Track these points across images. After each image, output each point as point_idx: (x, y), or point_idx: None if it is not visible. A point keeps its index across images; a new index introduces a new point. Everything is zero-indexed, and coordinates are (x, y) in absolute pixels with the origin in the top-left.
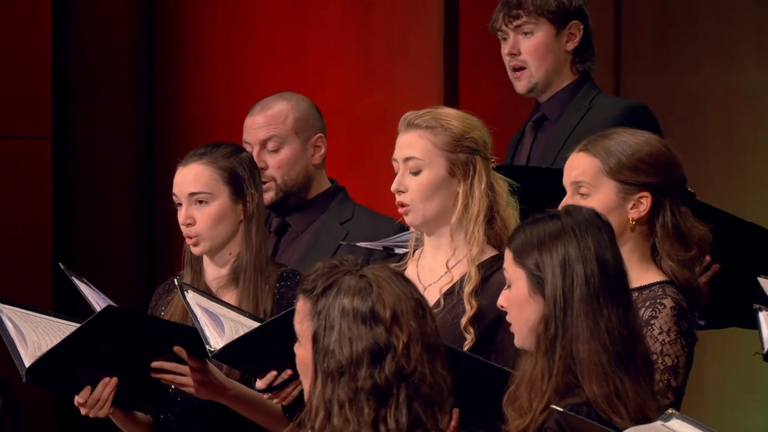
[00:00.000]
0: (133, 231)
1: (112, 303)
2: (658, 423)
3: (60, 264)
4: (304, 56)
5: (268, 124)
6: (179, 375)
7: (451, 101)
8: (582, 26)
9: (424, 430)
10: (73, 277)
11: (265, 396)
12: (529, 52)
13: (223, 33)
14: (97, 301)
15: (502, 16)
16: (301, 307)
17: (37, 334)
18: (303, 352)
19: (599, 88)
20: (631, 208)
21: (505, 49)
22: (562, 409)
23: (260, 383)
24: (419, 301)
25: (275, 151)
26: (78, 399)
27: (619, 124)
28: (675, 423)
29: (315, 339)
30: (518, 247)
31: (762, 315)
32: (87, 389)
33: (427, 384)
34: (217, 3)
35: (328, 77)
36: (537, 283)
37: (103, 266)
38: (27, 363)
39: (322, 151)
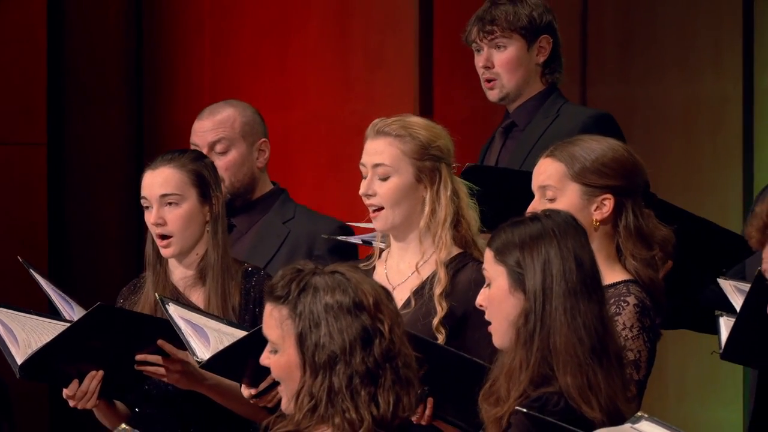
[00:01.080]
0: (123, 233)
1: (66, 297)
2: (627, 425)
3: (19, 258)
4: (286, 67)
5: (217, 127)
6: (161, 366)
7: (426, 109)
8: (551, 40)
9: (402, 409)
10: (31, 270)
11: (252, 401)
12: (501, 64)
13: (209, 45)
14: (54, 295)
15: (476, 30)
16: (275, 314)
17: (26, 333)
18: (284, 358)
19: (566, 97)
20: (595, 210)
21: (479, 61)
22: (525, 410)
23: (246, 391)
24: (386, 290)
25: (223, 153)
26: (66, 392)
27: (585, 132)
28: (644, 425)
29: (301, 339)
30: (500, 246)
31: (722, 320)
32: (75, 382)
33: (405, 365)
34: (203, 17)
35: (309, 87)
36: (518, 279)
37: (95, 266)
38: (19, 360)
39: (266, 154)
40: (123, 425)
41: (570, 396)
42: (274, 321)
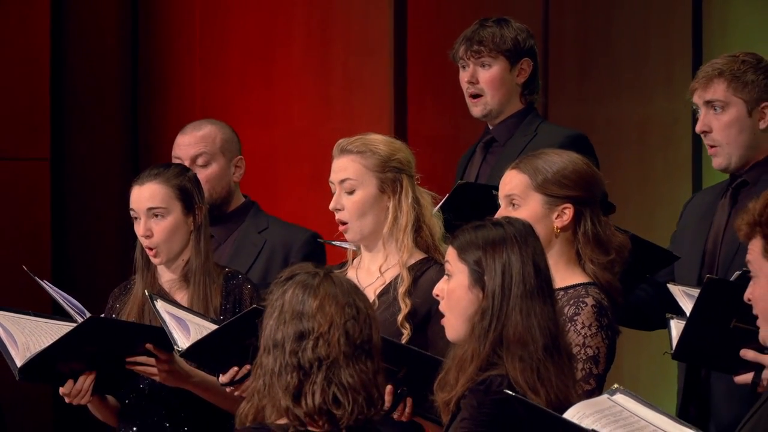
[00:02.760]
0: (119, 240)
1: (71, 300)
2: (605, 396)
3: (24, 267)
4: (272, 88)
5: (198, 142)
6: (150, 366)
7: (400, 127)
8: (532, 63)
9: (344, 411)
10: (36, 278)
11: (228, 389)
12: (486, 82)
13: (199, 68)
14: (61, 298)
15: (464, 49)
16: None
17: (24, 335)
18: None
19: (542, 117)
20: (556, 218)
21: (465, 76)
22: (512, 393)
23: (223, 378)
24: (358, 308)
25: (204, 166)
26: (62, 390)
27: None
28: (619, 397)
29: (263, 317)
30: (463, 245)
31: (673, 322)
32: (70, 382)
33: (347, 372)
34: (194, 41)
35: (293, 106)
36: (478, 278)
37: (93, 270)
38: (18, 363)
39: (242, 170)
40: None
41: (516, 382)
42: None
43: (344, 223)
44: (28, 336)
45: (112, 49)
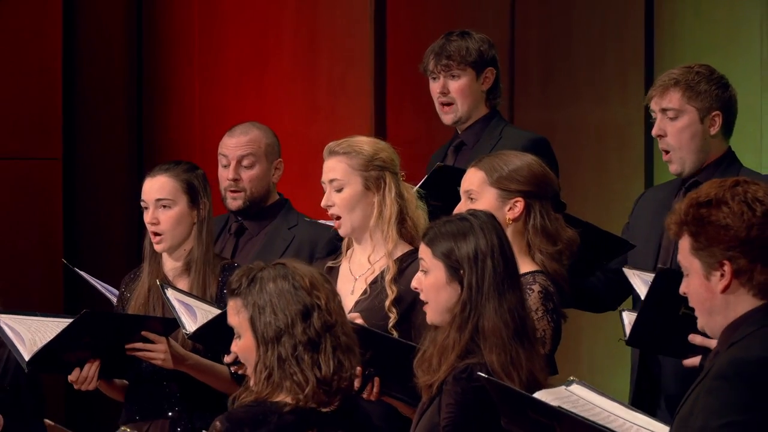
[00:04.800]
0: (125, 234)
1: (110, 288)
2: (562, 388)
3: (63, 260)
4: (263, 94)
5: (246, 145)
6: (149, 351)
7: (380, 130)
8: (495, 72)
9: (345, 371)
10: (75, 269)
11: (232, 369)
12: (456, 91)
13: (197, 76)
14: (98, 284)
15: (433, 63)
16: (232, 305)
17: (31, 333)
18: (243, 342)
19: (506, 120)
20: (508, 210)
21: (437, 88)
22: (485, 376)
23: (227, 358)
24: (325, 276)
25: (249, 167)
26: (70, 378)
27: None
28: (575, 387)
29: (252, 322)
30: (435, 241)
31: (625, 314)
32: (77, 370)
33: (344, 333)
34: (193, 52)
35: (282, 110)
36: (454, 273)
37: (103, 266)
38: (26, 357)
39: (280, 172)
40: (123, 427)
41: (493, 369)
42: (233, 311)
43: (338, 218)
44: (35, 333)
45: (118, 59)
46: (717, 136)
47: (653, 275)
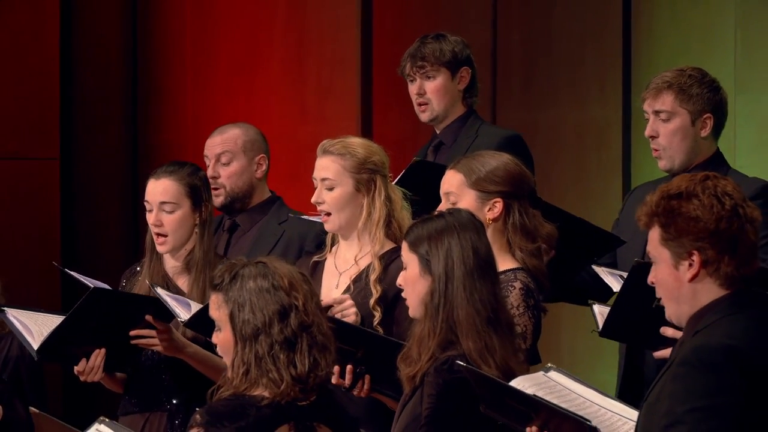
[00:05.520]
0: (122, 232)
1: (99, 283)
2: (540, 374)
3: (53, 263)
4: (254, 96)
5: (222, 143)
6: (151, 339)
7: (366, 130)
8: (470, 71)
9: (320, 369)
10: (65, 270)
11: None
12: (431, 92)
13: (191, 79)
14: (91, 283)
15: (409, 65)
16: (214, 299)
17: (38, 326)
18: (222, 335)
19: (482, 118)
20: (488, 211)
21: (414, 89)
22: (464, 364)
23: None
24: (305, 276)
25: (227, 164)
26: (77, 368)
27: (499, 149)
28: (553, 374)
29: (232, 318)
30: (412, 239)
31: (596, 307)
32: (83, 361)
33: (321, 333)
34: (186, 56)
35: (272, 112)
36: (426, 265)
37: (100, 263)
38: (35, 346)
39: (264, 167)
40: (101, 417)
41: (471, 357)
42: (215, 305)
43: (328, 214)
44: (41, 326)
45: (114, 62)
46: (708, 138)
47: (622, 273)
